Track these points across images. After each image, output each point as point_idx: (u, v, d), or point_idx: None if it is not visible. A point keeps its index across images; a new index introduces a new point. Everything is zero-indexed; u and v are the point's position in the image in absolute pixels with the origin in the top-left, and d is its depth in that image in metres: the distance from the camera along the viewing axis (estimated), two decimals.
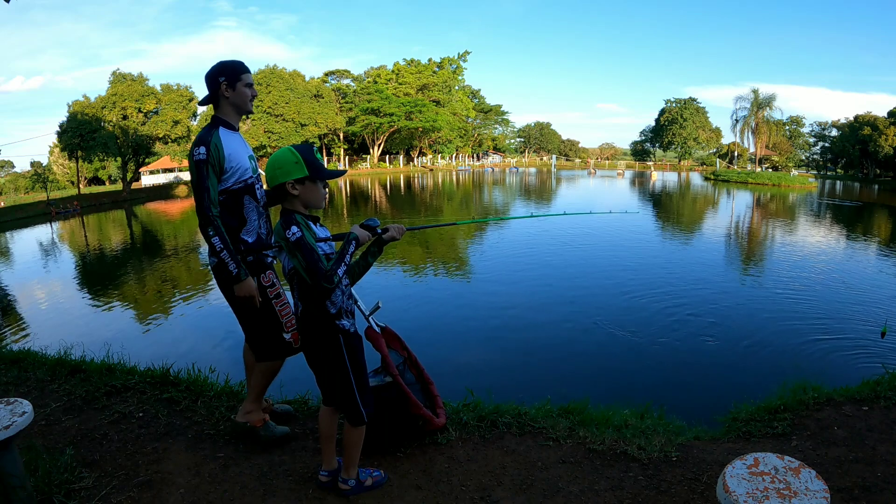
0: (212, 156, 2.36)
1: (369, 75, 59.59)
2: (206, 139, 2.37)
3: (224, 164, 2.40)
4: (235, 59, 2.54)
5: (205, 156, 2.34)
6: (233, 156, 2.44)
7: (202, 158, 2.33)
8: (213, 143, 2.37)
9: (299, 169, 2.06)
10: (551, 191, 37.18)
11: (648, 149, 76.41)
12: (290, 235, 1.99)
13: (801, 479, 1.53)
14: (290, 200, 2.10)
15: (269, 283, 2.53)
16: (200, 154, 2.33)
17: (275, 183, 2.10)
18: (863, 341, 6.94)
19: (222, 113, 2.52)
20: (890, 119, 49.48)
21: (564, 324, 7.88)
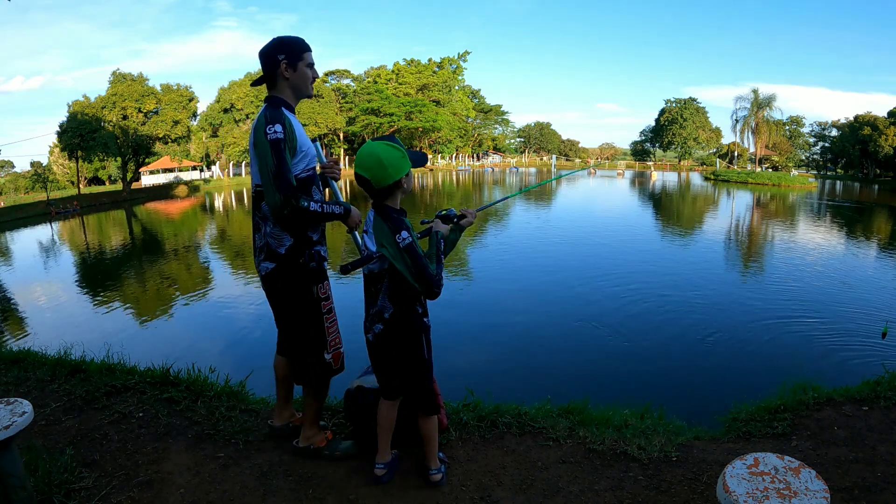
0: (288, 135, 2.10)
1: (369, 75, 59.60)
2: (279, 117, 2.10)
3: (297, 146, 2.16)
4: (296, 36, 2.28)
5: (282, 134, 2.06)
6: (303, 138, 2.22)
7: (279, 137, 2.05)
8: (287, 122, 2.11)
9: (406, 162, 2.07)
10: (551, 191, 37.17)
11: (648, 149, 76.44)
12: (399, 240, 1.97)
13: (801, 479, 1.53)
14: (394, 196, 2.09)
15: (324, 296, 2.32)
16: (277, 133, 2.05)
17: (388, 182, 2.02)
18: (863, 341, 6.94)
19: (280, 94, 2.25)
20: (890, 119, 49.49)
21: (564, 324, 7.88)
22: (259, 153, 2.09)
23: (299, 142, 2.18)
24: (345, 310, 2.71)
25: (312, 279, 2.29)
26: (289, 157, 2.09)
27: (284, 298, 2.32)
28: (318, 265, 2.30)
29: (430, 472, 2.38)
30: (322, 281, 2.32)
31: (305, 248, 2.24)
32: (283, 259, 2.23)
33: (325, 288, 2.33)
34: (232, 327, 8.08)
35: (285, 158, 2.06)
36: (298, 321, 2.34)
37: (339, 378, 2.53)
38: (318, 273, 2.30)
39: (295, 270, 2.24)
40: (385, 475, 2.38)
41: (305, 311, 2.31)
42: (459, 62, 62.35)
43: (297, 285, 2.27)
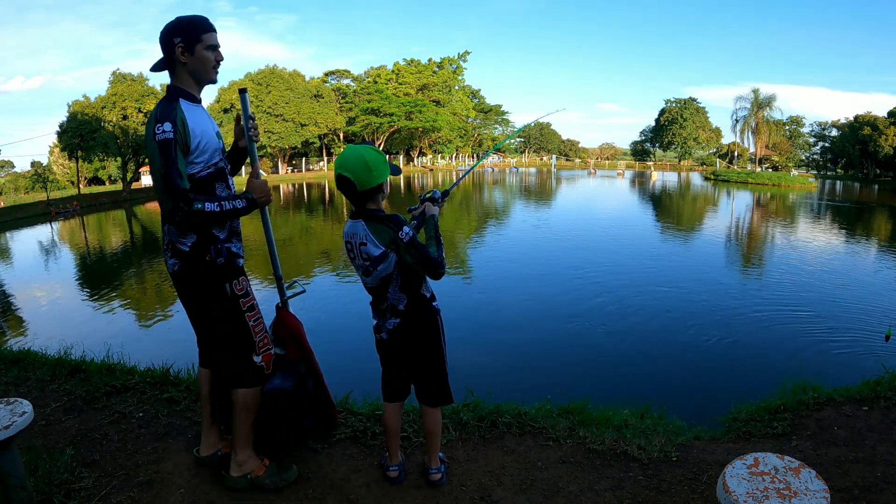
0: (179, 133, 1.90)
1: (369, 75, 59.57)
2: (168, 114, 1.90)
3: (191, 143, 1.95)
4: (196, 15, 2.04)
5: (171, 133, 1.87)
6: (200, 132, 1.99)
7: (168, 137, 1.86)
8: (179, 118, 1.91)
9: (387, 167, 2.11)
10: (551, 191, 37.17)
11: (648, 149, 76.44)
12: (403, 236, 2.04)
13: (801, 479, 1.53)
14: (376, 200, 2.14)
15: (241, 292, 2.13)
16: (166, 132, 1.86)
17: (371, 185, 2.05)
18: (863, 341, 6.94)
19: (180, 82, 2.03)
20: (890, 119, 49.49)
21: (564, 324, 7.88)
22: (149, 154, 1.93)
23: (197, 138, 1.97)
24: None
25: (223, 276, 2.10)
26: (180, 157, 1.89)
27: (197, 298, 2.13)
28: (228, 260, 2.11)
29: (430, 472, 2.38)
30: (236, 277, 2.13)
31: (210, 244, 2.06)
32: (187, 256, 2.05)
33: (241, 284, 2.14)
34: None
35: (174, 160, 1.87)
36: (218, 323, 2.15)
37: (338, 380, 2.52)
38: (230, 269, 2.12)
39: (203, 267, 2.06)
40: (399, 476, 2.41)
41: (223, 310, 2.12)
42: (459, 62, 62.32)
43: (208, 283, 2.08)
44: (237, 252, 2.17)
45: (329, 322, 8.19)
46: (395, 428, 2.41)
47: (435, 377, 2.29)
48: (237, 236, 2.21)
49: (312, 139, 50.99)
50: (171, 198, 1.88)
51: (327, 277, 11.86)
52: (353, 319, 7.93)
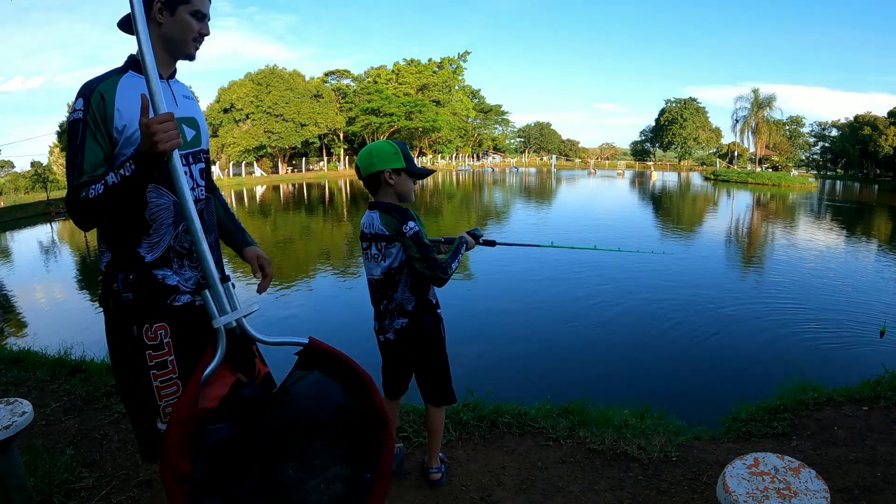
0: (92, 112, 1.43)
1: (369, 75, 59.57)
2: (87, 88, 1.45)
3: (110, 128, 1.44)
4: None
5: (81, 113, 1.43)
6: (133, 115, 1.43)
7: (75, 118, 1.44)
8: (97, 92, 1.44)
9: (397, 159, 2.10)
10: (551, 191, 37.18)
11: (648, 149, 76.44)
12: (407, 230, 2.04)
13: (801, 479, 1.53)
14: (385, 191, 2.12)
15: (152, 342, 1.54)
16: (75, 111, 1.45)
17: (371, 171, 2.10)
18: (863, 341, 6.94)
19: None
20: (890, 119, 49.50)
21: (564, 324, 7.88)
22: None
23: (119, 119, 1.45)
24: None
25: (131, 316, 1.53)
26: (90, 142, 1.43)
27: (109, 332, 1.59)
28: (143, 298, 1.52)
29: (431, 471, 2.40)
30: (151, 321, 1.53)
31: (120, 269, 1.52)
32: (102, 277, 1.56)
33: (154, 332, 1.53)
34: None
35: (80, 145, 1.43)
36: (117, 371, 1.63)
37: None
38: (140, 308, 1.52)
39: (109, 298, 1.55)
40: (395, 469, 2.45)
41: (122, 358, 1.57)
42: (459, 62, 62.33)
43: (112, 320, 1.57)
44: (174, 285, 1.56)
45: (329, 322, 8.20)
46: (393, 423, 2.44)
47: (439, 378, 2.31)
48: (187, 257, 1.58)
49: (312, 139, 50.98)
50: (69, 187, 1.42)
51: (327, 277, 11.87)
52: (354, 318, 7.93)
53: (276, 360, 1.79)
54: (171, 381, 1.58)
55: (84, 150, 1.43)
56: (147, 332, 1.54)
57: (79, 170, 1.42)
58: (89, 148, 1.44)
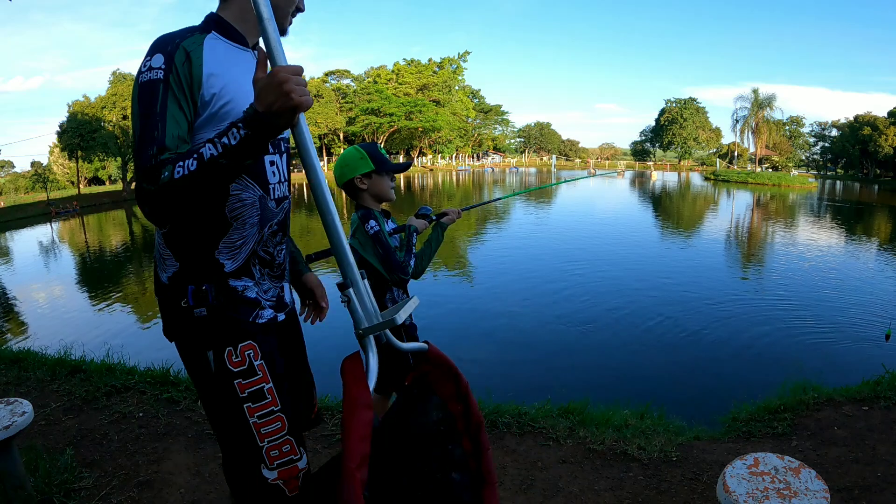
0: (176, 72, 1.12)
1: (369, 75, 59.61)
2: (166, 43, 1.14)
3: (197, 94, 1.14)
4: None
5: (160, 73, 1.10)
6: (226, 85, 1.17)
7: (154, 78, 1.10)
8: (181, 49, 1.13)
9: (365, 164, 2.14)
10: (552, 191, 37.16)
11: (648, 149, 76.46)
12: (368, 229, 2.09)
13: (801, 479, 1.53)
14: (361, 195, 2.18)
15: (240, 368, 1.23)
16: (152, 69, 1.11)
17: (344, 180, 2.17)
18: (863, 342, 6.94)
19: (225, 12, 1.27)
20: (890, 119, 49.50)
21: (564, 324, 7.88)
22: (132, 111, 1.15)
23: (217, 90, 1.16)
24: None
25: (207, 338, 1.23)
26: (174, 108, 1.11)
27: (186, 362, 1.32)
28: (219, 312, 1.23)
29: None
30: (230, 342, 1.23)
31: (191, 278, 1.23)
32: (163, 294, 1.27)
33: (240, 353, 1.24)
34: None
35: (160, 113, 1.09)
36: (206, 408, 1.36)
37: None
38: (222, 327, 1.23)
39: (177, 318, 1.25)
40: None
41: (205, 391, 1.30)
42: (459, 62, 62.35)
43: (186, 346, 1.27)
44: (253, 298, 1.28)
45: (328, 321, 8.19)
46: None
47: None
48: (269, 265, 1.32)
49: (312, 139, 51.05)
50: (137, 174, 1.07)
51: (327, 277, 11.86)
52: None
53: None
54: (274, 416, 1.26)
55: (165, 118, 1.10)
56: (231, 355, 1.23)
57: (159, 144, 1.08)
58: (172, 117, 1.11)
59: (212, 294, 1.23)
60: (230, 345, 1.24)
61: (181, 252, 1.23)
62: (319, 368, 1.81)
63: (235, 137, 1.00)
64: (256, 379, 1.25)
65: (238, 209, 1.23)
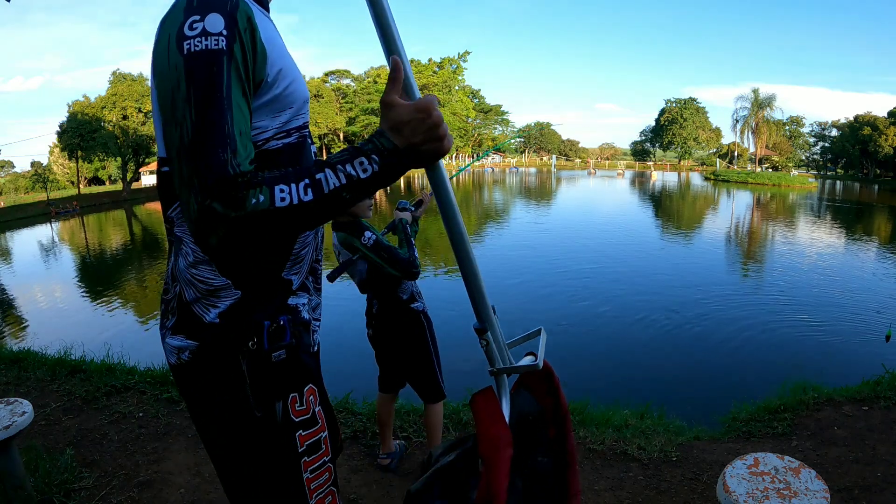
0: (241, 42, 0.82)
1: (369, 75, 59.62)
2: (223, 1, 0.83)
3: (265, 72, 0.88)
4: None
5: (224, 40, 0.80)
6: (282, 59, 0.93)
7: (216, 48, 0.80)
8: (241, 8, 0.84)
9: None
10: (551, 191, 37.19)
11: (648, 149, 76.47)
12: (365, 241, 2.09)
13: (801, 479, 1.53)
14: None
15: (303, 417, 1.02)
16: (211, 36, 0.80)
17: None
18: (863, 342, 6.94)
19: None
20: (890, 119, 49.51)
21: (564, 324, 7.88)
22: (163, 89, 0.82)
23: (278, 67, 0.91)
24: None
25: (278, 386, 0.98)
26: (238, 96, 0.82)
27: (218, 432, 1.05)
28: (294, 351, 0.98)
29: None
30: (297, 387, 1.01)
31: (261, 311, 0.96)
32: (212, 337, 0.95)
33: (304, 401, 1.02)
34: None
35: (226, 98, 0.80)
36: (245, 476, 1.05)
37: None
38: (292, 369, 0.99)
39: (236, 367, 0.95)
40: (391, 463, 2.51)
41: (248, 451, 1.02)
42: (459, 62, 62.37)
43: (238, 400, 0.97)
44: (307, 320, 1.07)
45: (329, 321, 8.19)
46: (386, 417, 2.51)
47: (423, 375, 2.35)
48: (316, 274, 1.11)
49: (312, 139, 51.09)
50: (200, 188, 0.76)
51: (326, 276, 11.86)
52: (353, 318, 7.94)
53: None
54: (324, 467, 1.07)
55: (232, 108, 0.80)
56: (294, 403, 1.00)
57: (231, 147, 0.78)
58: (238, 106, 0.81)
59: (290, 329, 0.98)
60: (295, 390, 1.00)
61: (246, 276, 0.94)
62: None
63: (366, 170, 0.80)
64: (317, 429, 1.05)
65: None
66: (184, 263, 0.94)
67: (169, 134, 0.81)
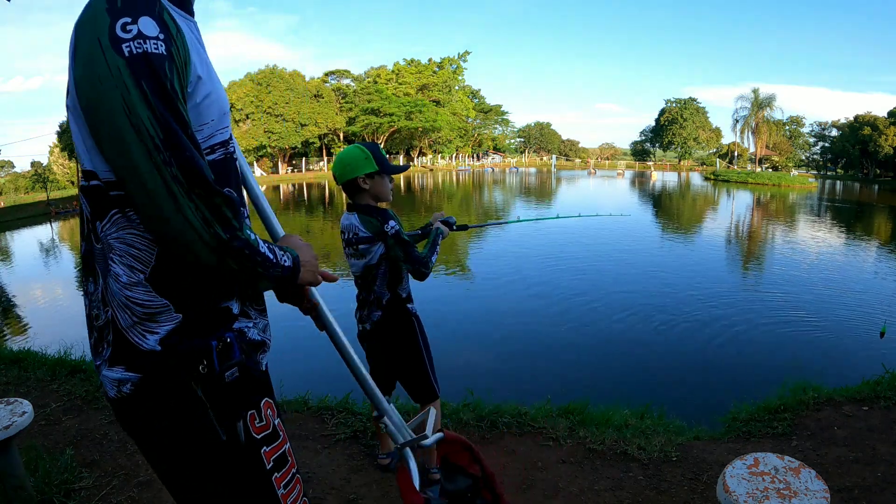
0: (176, 46, 0.82)
1: (369, 75, 59.57)
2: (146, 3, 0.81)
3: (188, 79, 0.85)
4: None
5: (163, 44, 0.79)
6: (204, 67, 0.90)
7: (157, 52, 0.78)
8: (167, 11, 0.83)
9: (369, 164, 2.17)
10: (551, 191, 37.18)
11: (648, 149, 76.46)
12: (388, 229, 2.13)
13: (801, 479, 1.53)
14: (361, 195, 2.21)
15: (264, 433, 0.99)
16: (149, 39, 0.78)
17: (345, 179, 2.17)
18: (863, 341, 6.94)
19: None
20: (890, 119, 49.49)
21: (564, 324, 7.88)
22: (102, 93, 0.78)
23: (198, 75, 0.88)
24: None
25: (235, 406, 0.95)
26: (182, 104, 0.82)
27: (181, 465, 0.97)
28: (246, 368, 0.96)
29: (431, 471, 2.40)
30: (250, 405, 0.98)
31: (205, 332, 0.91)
32: (157, 364, 0.89)
33: (263, 417, 0.99)
34: None
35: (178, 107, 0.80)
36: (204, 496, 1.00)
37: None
38: (249, 385, 0.97)
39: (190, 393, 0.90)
40: (391, 463, 2.50)
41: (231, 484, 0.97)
42: (459, 62, 62.31)
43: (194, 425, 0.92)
44: (259, 340, 1.03)
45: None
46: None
47: (416, 375, 2.34)
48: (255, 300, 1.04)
49: (312, 139, 50.99)
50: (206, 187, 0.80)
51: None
52: (352, 318, 7.94)
53: None
54: (294, 479, 1.05)
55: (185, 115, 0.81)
56: (254, 420, 0.97)
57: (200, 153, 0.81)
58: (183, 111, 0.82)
59: (237, 345, 0.94)
60: (253, 407, 0.97)
61: (185, 296, 0.89)
62: (314, 365, 1.81)
63: (286, 260, 0.96)
64: (280, 442, 1.02)
65: None
66: (116, 286, 0.87)
67: (119, 141, 0.77)
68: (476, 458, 1.59)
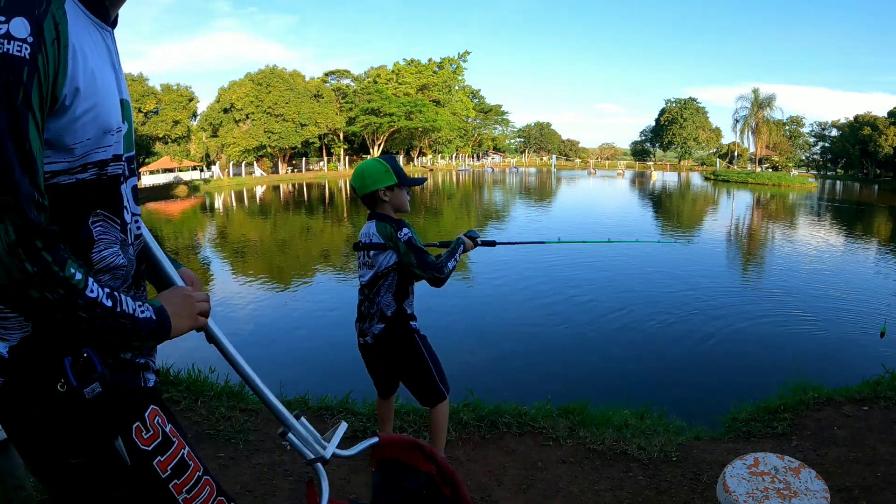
0: (45, 53, 0.74)
1: (369, 75, 59.57)
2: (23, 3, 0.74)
3: (59, 89, 0.77)
4: None
5: (27, 47, 0.72)
6: (91, 76, 0.82)
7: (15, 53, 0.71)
8: (50, 16, 0.76)
9: (389, 177, 2.23)
10: (551, 191, 37.19)
11: (648, 149, 76.50)
12: (402, 236, 2.17)
13: (801, 479, 1.53)
14: (382, 206, 2.26)
15: (154, 442, 0.97)
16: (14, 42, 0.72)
17: (365, 192, 2.24)
18: (863, 341, 6.94)
19: None
20: (890, 119, 49.50)
21: (564, 324, 7.88)
22: None
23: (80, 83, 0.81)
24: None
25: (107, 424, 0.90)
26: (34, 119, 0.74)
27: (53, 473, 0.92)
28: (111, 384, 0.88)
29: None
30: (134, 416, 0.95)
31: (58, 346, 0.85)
32: (10, 370, 0.85)
33: (149, 426, 0.97)
34: (231, 327, 8.09)
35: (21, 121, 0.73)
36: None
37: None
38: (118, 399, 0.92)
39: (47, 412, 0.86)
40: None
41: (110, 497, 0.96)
42: (459, 62, 62.32)
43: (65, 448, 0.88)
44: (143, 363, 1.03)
45: (329, 320, 8.19)
46: (386, 416, 2.54)
47: (420, 381, 2.34)
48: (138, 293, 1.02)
49: (312, 139, 50.96)
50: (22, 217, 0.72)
51: (327, 277, 11.87)
52: (351, 318, 7.93)
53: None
54: (201, 482, 1.04)
55: (29, 133, 0.73)
56: (139, 432, 0.94)
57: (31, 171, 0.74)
58: (36, 128, 0.75)
59: (97, 360, 0.86)
60: (136, 419, 0.94)
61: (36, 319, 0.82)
62: (314, 366, 1.81)
63: (147, 313, 0.88)
64: (175, 448, 1.01)
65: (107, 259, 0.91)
66: None
67: None
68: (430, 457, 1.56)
